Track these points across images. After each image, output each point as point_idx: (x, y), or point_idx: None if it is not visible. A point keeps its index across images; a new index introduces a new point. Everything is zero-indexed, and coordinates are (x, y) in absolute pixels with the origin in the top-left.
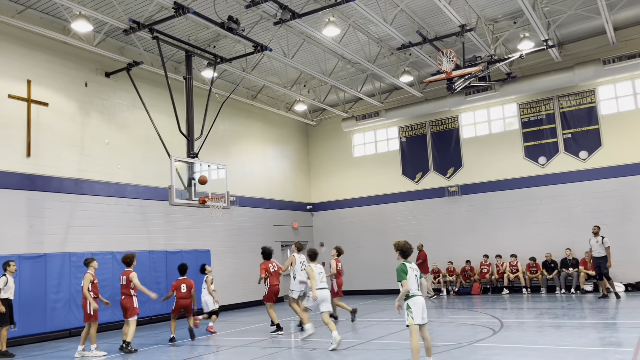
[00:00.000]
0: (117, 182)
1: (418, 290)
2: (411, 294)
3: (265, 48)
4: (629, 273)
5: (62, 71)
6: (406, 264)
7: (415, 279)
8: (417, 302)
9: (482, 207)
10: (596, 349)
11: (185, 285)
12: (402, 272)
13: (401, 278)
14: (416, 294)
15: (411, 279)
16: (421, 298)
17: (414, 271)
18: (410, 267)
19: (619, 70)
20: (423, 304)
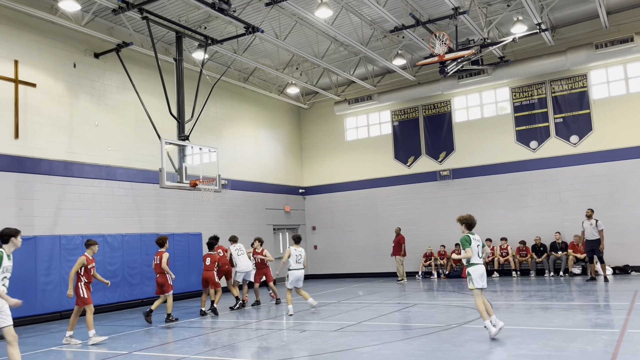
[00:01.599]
0: (107, 164)
1: (480, 259)
2: (472, 262)
3: (257, 29)
4: (617, 256)
5: (50, 51)
6: (470, 235)
7: (477, 249)
8: (477, 269)
9: (473, 191)
10: (583, 330)
11: (210, 259)
12: (465, 242)
13: (465, 246)
14: (477, 262)
15: (474, 248)
16: (481, 266)
17: (476, 242)
18: (474, 238)
19: (611, 54)
20: (483, 271)
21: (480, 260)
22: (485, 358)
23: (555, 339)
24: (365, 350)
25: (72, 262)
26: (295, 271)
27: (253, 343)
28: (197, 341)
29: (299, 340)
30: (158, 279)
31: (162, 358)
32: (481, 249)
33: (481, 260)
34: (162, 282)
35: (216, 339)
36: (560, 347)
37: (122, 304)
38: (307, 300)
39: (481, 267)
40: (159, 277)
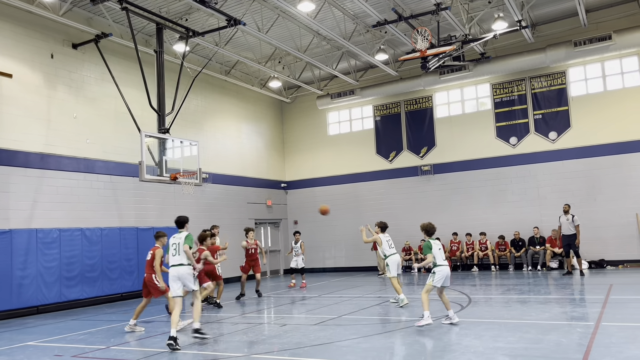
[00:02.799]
0: (85, 157)
1: (444, 261)
2: (438, 263)
3: (239, 22)
4: (592, 251)
5: (27, 41)
6: (431, 241)
7: (439, 252)
8: (443, 270)
9: (454, 186)
10: (559, 322)
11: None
12: (427, 248)
13: (426, 252)
14: (442, 263)
15: (435, 252)
16: (446, 267)
17: (437, 246)
18: (434, 243)
19: (589, 52)
20: (447, 273)
21: (445, 262)
22: (463, 350)
23: (531, 332)
24: (346, 343)
25: (48, 255)
26: (394, 256)
27: (233, 337)
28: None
29: (279, 334)
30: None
31: (141, 352)
32: (443, 252)
33: (445, 263)
34: (206, 273)
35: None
36: (536, 340)
37: (100, 298)
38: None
39: (446, 268)
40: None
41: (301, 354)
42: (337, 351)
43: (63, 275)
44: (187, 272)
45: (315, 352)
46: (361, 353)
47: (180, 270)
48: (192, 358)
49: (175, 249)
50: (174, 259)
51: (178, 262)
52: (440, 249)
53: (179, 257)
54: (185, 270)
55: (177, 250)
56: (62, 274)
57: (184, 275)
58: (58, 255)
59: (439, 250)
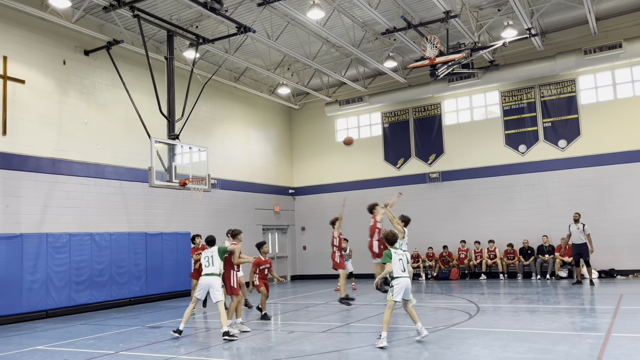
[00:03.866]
0: (96, 162)
1: (404, 272)
2: (395, 275)
3: (249, 29)
4: (602, 260)
5: (40, 48)
6: (392, 250)
7: (399, 263)
8: (400, 282)
9: (462, 193)
10: (569, 333)
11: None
12: (386, 257)
13: (385, 261)
14: (400, 275)
15: (395, 262)
16: (405, 279)
17: (398, 256)
18: (396, 253)
19: (599, 60)
20: (405, 284)
21: (404, 274)
22: None
23: (541, 342)
24: (353, 351)
25: (58, 260)
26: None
27: (241, 344)
28: (185, 341)
29: (287, 341)
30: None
31: (149, 358)
32: (405, 263)
33: (405, 274)
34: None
35: (204, 339)
36: (546, 350)
37: (109, 302)
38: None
39: (404, 280)
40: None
41: None
42: (345, 359)
43: (72, 280)
44: (217, 282)
45: None
46: None
47: (212, 280)
48: None
49: (208, 260)
50: (207, 269)
51: (210, 272)
52: (400, 260)
53: (212, 268)
54: (216, 280)
55: (210, 262)
56: (71, 279)
57: (213, 284)
58: (68, 260)
59: (399, 261)
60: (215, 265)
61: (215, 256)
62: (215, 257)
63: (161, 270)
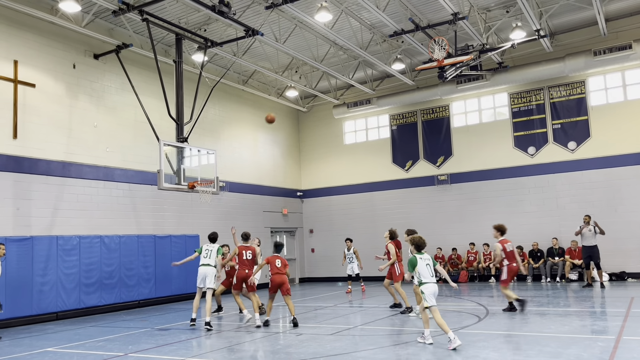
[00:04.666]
0: (105, 165)
1: (432, 277)
2: (424, 281)
3: (257, 32)
4: (613, 263)
5: (50, 52)
6: (416, 256)
7: (426, 268)
8: (428, 287)
9: (471, 196)
10: (579, 336)
11: (280, 260)
12: (410, 266)
13: (410, 269)
14: (429, 280)
15: (421, 268)
16: (433, 285)
17: (424, 261)
18: (421, 259)
19: (609, 61)
20: (435, 290)
21: (432, 279)
22: None
23: (551, 345)
24: (361, 354)
25: (68, 262)
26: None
27: (250, 346)
28: (194, 343)
29: (295, 344)
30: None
31: None
32: (431, 268)
33: (433, 279)
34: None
35: (213, 341)
36: (556, 354)
37: (118, 305)
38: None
39: (433, 285)
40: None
41: None
42: None
43: (82, 282)
44: (211, 272)
45: None
46: None
47: (208, 270)
48: None
49: (207, 254)
50: (205, 260)
51: (207, 263)
52: (427, 265)
53: (208, 260)
54: (211, 270)
55: (209, 255)
56: (81, 281)
57: (209, 273)
58: (77, 262)
59: (426, 267)
60: (212, 258)
61: (213, 252)
62: (214, 252)
63: (170, 272)
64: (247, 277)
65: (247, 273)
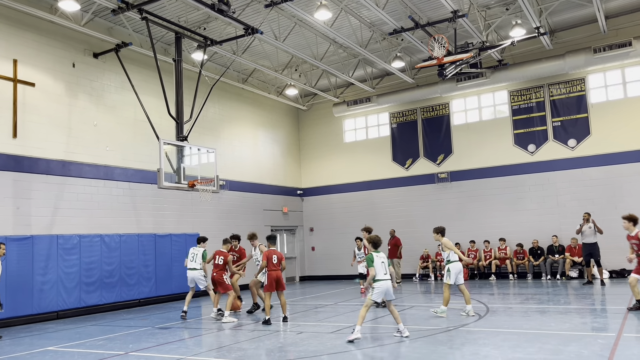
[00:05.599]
0: (105, 164)
1: (385, 275)
2: (377, 278)
3: (256, 31)
4: (614, 260)
5: (49, 51)
6: (374, 254)
7: (381, 266)
8: (381, 285)
9: (471, 193)
10: (579, 333)
11: (277, 256)
12: (369, 261)
13: (369, 265)
14: (382, 278)
15: (377, 266)
16: (385, 282)
17: (380, 259)
18: (377, 256)
19: (609, 58)
20: (387, 287)
21: (385, 277)
22: None
23: (551, 343)
24: (362, 352)
25: (68, 261)
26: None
27: (250, 344)
28: (194, 342)
29: (296, 342)
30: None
31: (159, 359)
32: (386, 266)
33: (386, 277)
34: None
35: (213, 340)
36: (557, 351)
37: (119, 304)
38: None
39: (385, 282)
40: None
41: None
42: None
43: (82, 281)
44: (198, 274)
45: None
46: None
47: (194, 274)
48: None
49: (193, 257)
50: (190, 264)
51: (192, 267)
52: (383, 263)
53: (194, 263)
54: (198, 273)
55: (194, 259)
56: (81, 280)
57: (196, 276)
58: (78, 261)
59: (382, 264)
60: (197, 262)
61: (198, 255)
62: (199, 256)
63: (170, 271)
64: (278, 277)
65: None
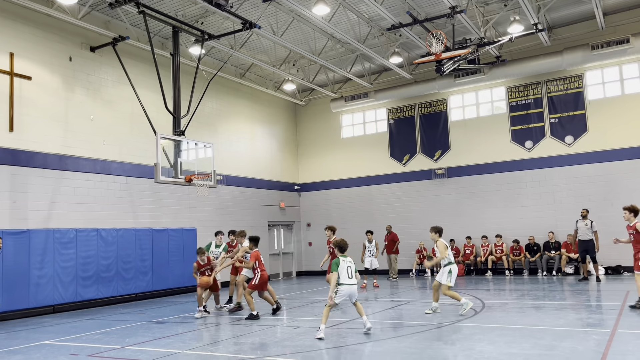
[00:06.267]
0: (102, 158)
1: (350, 279)
2: (341, 282)
3: (254, 25)
4: (609, 257)
5: (46, 44)
6: (340, 259)
7: (345, 270)
8: (344, 289)
9: (468, 189)
10: (574, 329)
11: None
12: (335, 265)
13: (333, 269)
14: (346, 282)
15: (341, 271)
16: (349, 287)
17: (346, 264)
18: (344, 260)
19: (607, 55)
20: (350, 292)
21: (351, 281)
22: (477, 356)
23: (546, 338)
24: (358, 347)
25: (65, 255)
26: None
27: (246, 339)
28: (190, 337)
29: (292, 337)
30: None
31: (155, 353)
32: (352, 271)
33: (352, 281)
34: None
35: (209, 334)
36: (551, 346)
37: (115, 298)
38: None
39: (349, 287)
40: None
41: (314, 356)
42: (350, 355)
43: (79, 275)
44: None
45: (328, 355)
46: (374, 357)
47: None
48: (205, 359)
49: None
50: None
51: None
52: (349, 267)
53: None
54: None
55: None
56: (78, 274)
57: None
58: (74, 255)
59: (347, 269)
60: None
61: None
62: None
63: (167, 265)
64: (267, 277)
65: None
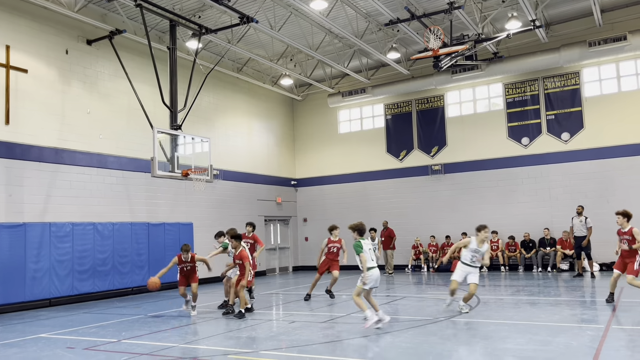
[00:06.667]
0: (98, 152)
1: (373, 262)
2: (368, 266)
3: (252, 20)
4: (604, 253)
5: (42, 37)
6: (361, 241)
7: (369, 252)
8: (373, 272)
9: (464, 186)
10: (569, 325)
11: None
12: (358, 247)
13: (358, 252)
14: (372, 265)
15: (366, 252)
16: (376, 270)
17: (367, 246)
18: (365, 243)
19: (604, 52)
20: (378, 275)
21: (374, 263)
22: (472, 351)
23: (541, 334)
24: (354, 342)
25: (61, 249)
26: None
27: (242, 333)
28: (187, 330)
29: (288, 331)
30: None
31: (151, 346)
32: (373, 252)
33: (374, 263)
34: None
35: (205, 328)
36: (546, 342)
37: (111, 292)
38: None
39: (376, 270)
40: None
41: (309, 351)
42: (346, 349)
43: (75, 269)
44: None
45: (324, 350)
46: (369, 351)
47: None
48: (201, 354)
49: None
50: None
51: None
52: (370, 249)
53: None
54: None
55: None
56: (74, 268)
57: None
58: (71, 249)
59: (369, 251)
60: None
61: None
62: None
63: (163, 260)
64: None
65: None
